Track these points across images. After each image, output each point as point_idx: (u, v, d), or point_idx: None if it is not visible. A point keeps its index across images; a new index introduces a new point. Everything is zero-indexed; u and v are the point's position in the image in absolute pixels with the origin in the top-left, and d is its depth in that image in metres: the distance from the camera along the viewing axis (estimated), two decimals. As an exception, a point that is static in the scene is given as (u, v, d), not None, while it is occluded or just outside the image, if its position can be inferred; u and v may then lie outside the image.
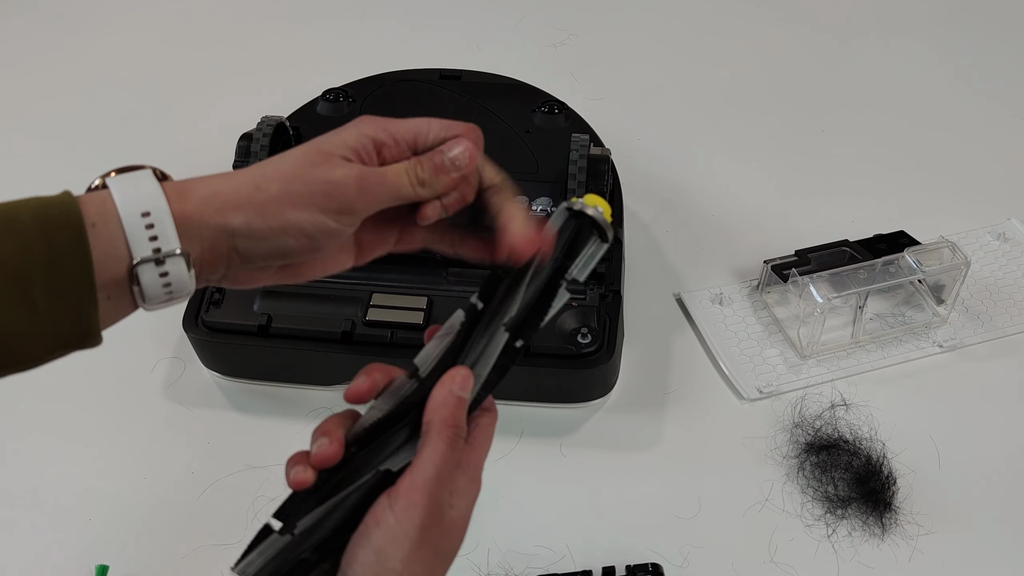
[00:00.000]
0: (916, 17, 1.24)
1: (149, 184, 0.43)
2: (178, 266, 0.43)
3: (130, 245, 0.42)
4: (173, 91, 1.14)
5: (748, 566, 0.70)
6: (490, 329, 0.49)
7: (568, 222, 0.50)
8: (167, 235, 0.43)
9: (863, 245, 0.88)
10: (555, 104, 0.93)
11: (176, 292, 0.44)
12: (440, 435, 0.46)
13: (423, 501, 0.45)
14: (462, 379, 0.48)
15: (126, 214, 0.42)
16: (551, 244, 0.49)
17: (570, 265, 0.49)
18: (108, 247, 0.42)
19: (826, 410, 0.79)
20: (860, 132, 1.07)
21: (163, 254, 0.43)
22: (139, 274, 0.43)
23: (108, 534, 0.72)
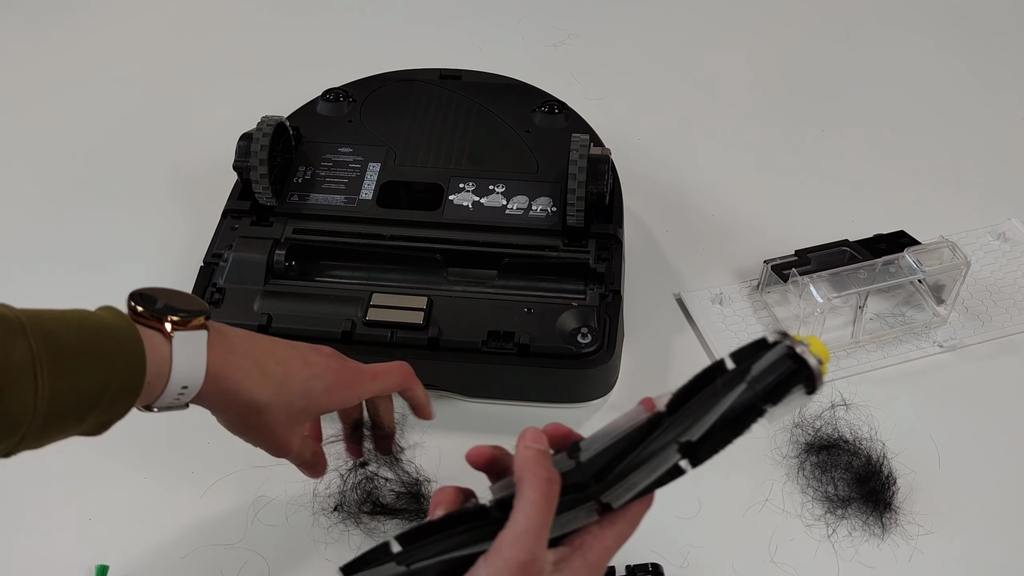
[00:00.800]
0: (917, 17, 1.24)
1: (201, 362, 0.52)
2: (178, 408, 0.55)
3: (160, 400, 0.52)
4: (173, 91, 1.14)
5: (748, 566, 0.70)
6: (665, 441, 0.46)
7: (783, 361, 0.44)
8: (188, 398, 0.53)
9: (863, 245, 0.88)
10: (555, 104, 0.93)
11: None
12: (531, 483, 0.44)
13: (515, 556, 0.42)
14: (529, 435, 0.46)
15: (173, 384, 0.51)
16: None
17: (770, 407, 0.45)
18: (145, 396, 0.51)
19: (826, 410, 0.79)
20: (860, 132, 1.07)
21: (175, 408, 0.54)
22: (153, 409, 0.54)
23: (108, 534, 0.72)
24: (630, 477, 0.46)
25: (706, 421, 0.45)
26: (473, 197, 0.84)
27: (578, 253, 0.80)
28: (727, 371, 0.45)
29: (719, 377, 0.45)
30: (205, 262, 0.82)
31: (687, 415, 0.45)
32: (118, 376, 0.48)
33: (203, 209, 0.91)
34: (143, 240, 0.95)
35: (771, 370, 0.44)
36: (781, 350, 0.44)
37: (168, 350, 0.50)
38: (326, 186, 0.86)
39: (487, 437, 0.78)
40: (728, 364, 0.45)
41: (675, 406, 0.46)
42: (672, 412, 0.46)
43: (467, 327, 0.77)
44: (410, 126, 0.91)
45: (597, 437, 0.47)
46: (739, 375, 0.45)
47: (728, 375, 0.45)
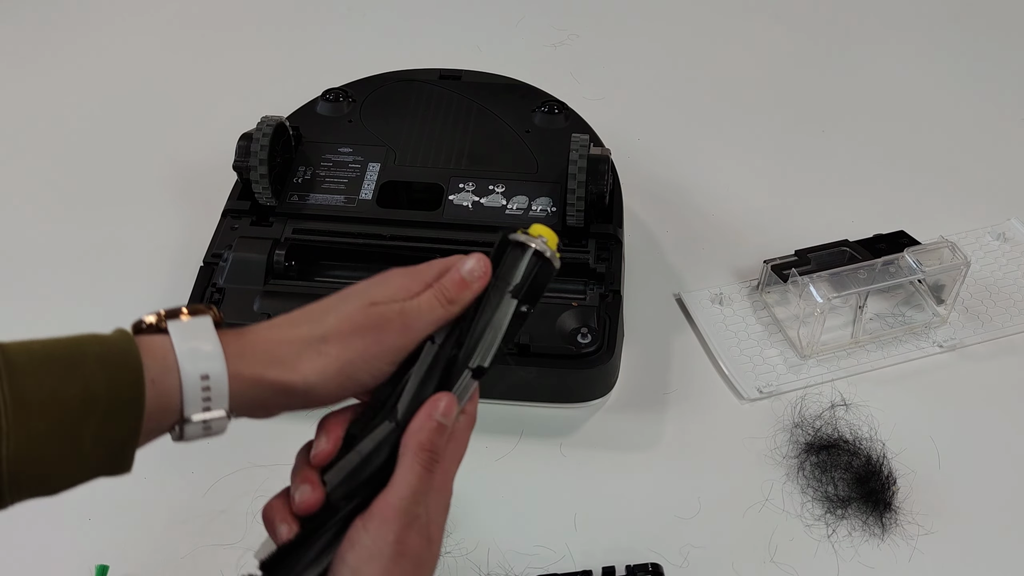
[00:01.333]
0: (917, 17, 1.24)
1: (210, 341, 0.45)
2: (221, 423, 0.45)
3: (184, 404, 0.44)
4: (173, 91, 1.14)
5: (748, 566, 0.70)
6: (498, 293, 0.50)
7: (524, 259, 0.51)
8: (220, 398, 0.44)
9: (863, 245, 0.88)
10: (555, 104, 0.93)
11: (213, 434, 0.46)
12: (416, 458, 0.46)
13: (396, 517, 0.45)
14: (446, 406, 0.48)
15: (187, 376, 0.43)
16: None
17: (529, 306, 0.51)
18: (162, 401, 0.43)
19: (826, 410, 0.79)
20: (860, 132, 1.07)
21: (212, 416, 0.45)
22: (184, 428, 0.45)
23: (108, 534, 0.72)
24: (484, 337, 0.50)
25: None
26: (473, 197, 0.84)
27: (578, 253, 0.80)
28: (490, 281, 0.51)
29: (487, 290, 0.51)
30: (205, 262, 0.82)
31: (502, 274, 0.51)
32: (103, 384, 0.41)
33: (203, 209, 0.91)
34: (143, 240, 0.95)
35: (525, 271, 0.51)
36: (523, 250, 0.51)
37: (167, 342, 0.44)
38: (326, 186, 0.86)
39: (487, 437, 0.79)
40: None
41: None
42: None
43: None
44: (410, 126, 0.91)
45: None
46: (503, 283, 0.51)
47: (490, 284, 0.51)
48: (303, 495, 0.46)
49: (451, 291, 0.50)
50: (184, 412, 0.44)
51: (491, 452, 0.78)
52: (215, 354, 0.44)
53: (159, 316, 0.46)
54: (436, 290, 0.50)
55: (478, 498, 0.74)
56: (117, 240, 0.95)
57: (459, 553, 0.71)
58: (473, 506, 0.74)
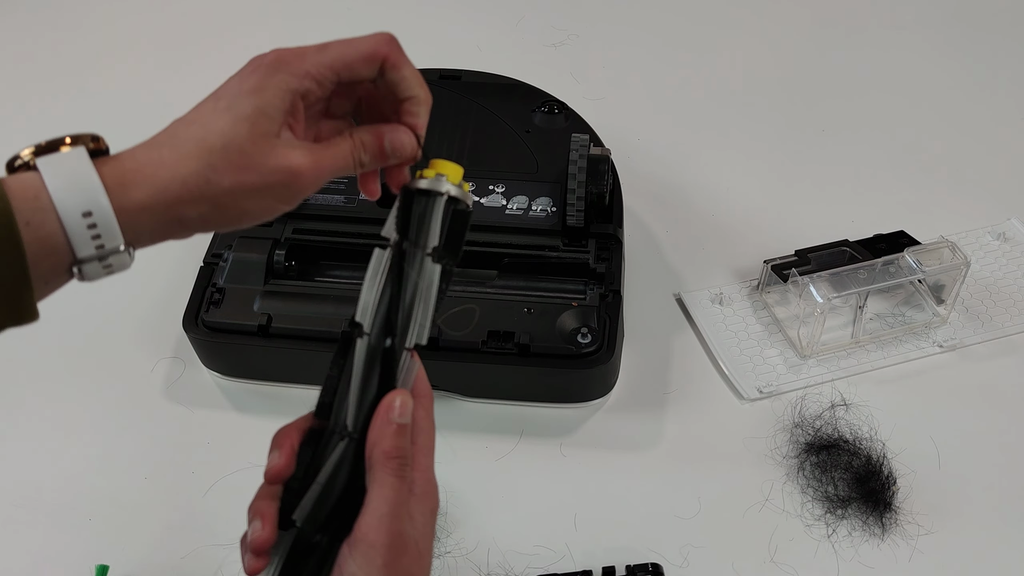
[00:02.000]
0: (917, 17, 1.24)
1: (87, 173, 0.41)
2: (121, 259, 0.43)
3: (72, 244, 0.41)
4: (173, 91, 1.14)
5: (748, 566, 0.70)
6: (416, 259, 0.47)
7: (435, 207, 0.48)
8: (111, 233, 0.42)
9: (863, 245, 0.88)
10: (555, 104, 0.93)
11: (116, 271, 0.43)
12: (385, 469, 0.44)
13: (383, 540, 0.43)
14: (401, 405, 0.45)
15: (66, 213, 0.40)
16: None
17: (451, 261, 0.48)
18: (45, 243, 0.40)
19: (826, 410, 0.79)
20: (860, 132, 1.07)
21: (107, 251, 0.42)
22: (81, 269, 0.42)
23: (108, 534, 0.72)
24: (414, 314, 0.47)
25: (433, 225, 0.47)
26: (473, 197, 0.84)
27: (578, 253, 0.80)
28: (403, 251, 0.47)
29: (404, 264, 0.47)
30: (205, 262, 0.82)
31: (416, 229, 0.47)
32: None
33: (203, 209, 0.91)
34: (143, 240, 0.95)
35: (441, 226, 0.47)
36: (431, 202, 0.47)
37: (38, 179, 0.40)
38: (326, 186, 0.86)
39: (487, 437, 0.79)
40: (401, 242, 0.47)
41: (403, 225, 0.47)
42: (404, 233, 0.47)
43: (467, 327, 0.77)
44: (410, 126, 0.91)
45: (364, 305, 0.47)
46: (420, 250, 0.47)
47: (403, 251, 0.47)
48: (254, 533, 0.44)
49: (368, 158, 0.47)
50: (76, 252, 0.41)
51: (491, 452, 0.78)
52: (93, 185, 0.41)
53: (33, 150, 0.42)
54: (355, 149, 0.47)
55: (478, 498, 0.74)
56: (117, 240, 0.95)
57: (459, 553, 0.71)
58: (473, 506, 0.74)
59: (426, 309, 0.47)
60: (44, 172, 0.41)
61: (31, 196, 0.40)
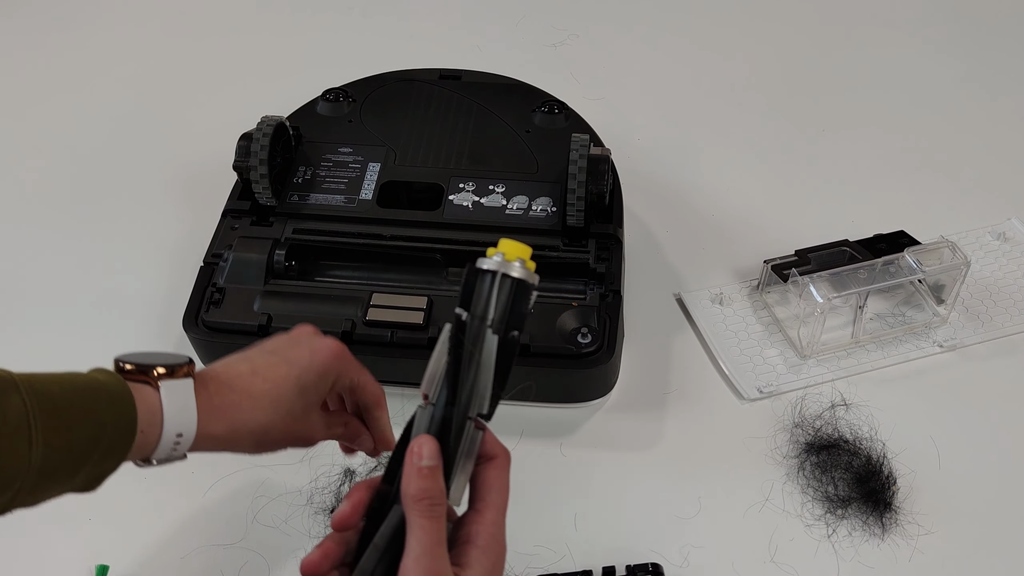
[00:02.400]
0: (917, 17, 1.24)
1: (191, 406, 0.52)
2: (175, 461, 0.53)
3: (155, 452, 0.51)
4: (173, 90, 1.14)
5: (748, 566, 0.70)
6: (480, 334, 0.48)
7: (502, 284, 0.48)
8: (184, 450, 0.52)
9: (863, 245, 0.88)
10: (555, 104, 0.93)
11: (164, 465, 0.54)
12: (414, 511, 0.46)
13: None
14: (419, 449, 0.47)
15: (167, 433, 0.51)
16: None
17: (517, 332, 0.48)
18: (141, 446, 0.50)
19: (826, 410, 0.79)
20: (860, 132, 1.07)
21: (174, 459, 0.53)
22: (146, 465, 0.52)
23: (108, 534, 0.72)
24: (475, 381, 0.48)
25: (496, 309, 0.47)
26: (473, 197, 0.84)
27: (578, 253, 0.80)
28: (464, 323, 0.47)
29: (464, 336, 0.47)
30: (205, 262, 0.82)
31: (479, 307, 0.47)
32: (110, 429, 0.48)
33: (203, 209, 0.91)
34: (143, 240, 0.95)
35: (498, 300, 0.47)
36: (491, 278, 0.47)
37: (158, 400, 0.50)
38: (326, 186, 0.86)
39: (487, 437, 0.78)
40: (462, 315, 0.47)
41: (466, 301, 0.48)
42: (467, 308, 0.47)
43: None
44: (410, 126, 0.91)
45: (430, 376, 0.49)
46: (479, 322, 0.47)
47: (463, 324, 0.47)
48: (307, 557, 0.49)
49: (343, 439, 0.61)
50: (153, 457, 0.51)
51: (491, 452, 0.77)
52: (191, 417, 0.51)
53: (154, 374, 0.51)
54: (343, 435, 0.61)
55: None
56: (118, 240, 0.95)
57: (459, 553, 0.70)
58: (473, 506, 0.74)
59: (487, 380, 0.48)
60: (164, 397, 0.51)
61: (151, 411, 0.50)
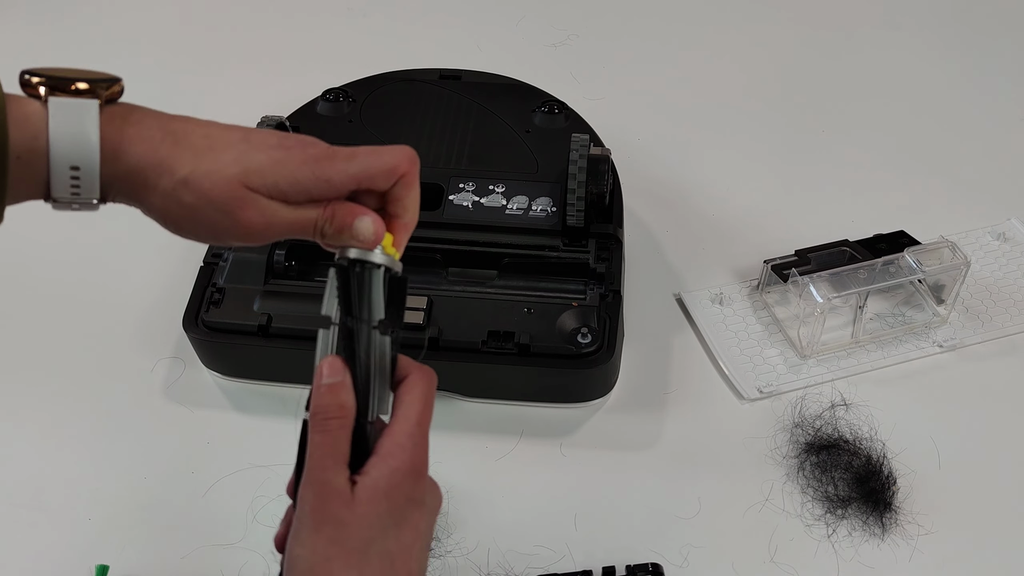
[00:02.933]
0: (916, 16, 1.24)
1: (90, 132, 0.41)
2: (90, 207, 0.44)
3: (51, 187, 0.42)
4: (173, 90, 1.14)
5: (748, 566, 0.70)
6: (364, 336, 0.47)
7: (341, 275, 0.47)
8: (90, 191, 0.43)
9: (863, 245, 0.88)
10: (555, 104, 0.93)
11: (82, 211, 0.45)
12: (311, 427, 0.45)
13: (307, 492, 0.44)
14: (324, 366, 0.46)
15: (56, 163, 0.41)
16: None
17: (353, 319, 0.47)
18: (27, 177, 0.41)
19: (826, 410, 0.79)
20: (860, 131, 1.07)
21: (80, 201, 0.43)
22: (54, 204, 0.44)
23: (108, 534, 0.72)
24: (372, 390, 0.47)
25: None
26: (473, 197, 0.84)
27: (578, 253, 0.80)
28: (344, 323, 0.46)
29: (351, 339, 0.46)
30: (205, 262, 0.82)
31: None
32: None
33: (203, 209, 0.91)
34: (143, 240, 0.95)
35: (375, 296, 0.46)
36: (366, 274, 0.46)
37: (44, 117, 0.41)
38: (326, 186, 0.86)
39: (487, 437, 0.79)
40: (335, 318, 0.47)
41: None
42: None
43: (467, 327, 0.77)
44: (410, 126, 0.91)
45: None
46: (359, 322, 0.46)
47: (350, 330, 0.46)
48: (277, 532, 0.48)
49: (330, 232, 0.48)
50: (52, 192, 0.43)
51: (491, 452, 0.78)
52: (91, 145, 0.42)
53: (46, 79, 0.42)
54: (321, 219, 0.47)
55: (478, 498, 0.74)
56: (117, 240, 0.95)
57: (459, 553, 0.71)
58: (473, 506, 0.74)
59: (383, 382, 0.47)
60: (52, 116, 0.41)
61: (30, 135, 0.41)
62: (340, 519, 0.44)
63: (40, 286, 0.91)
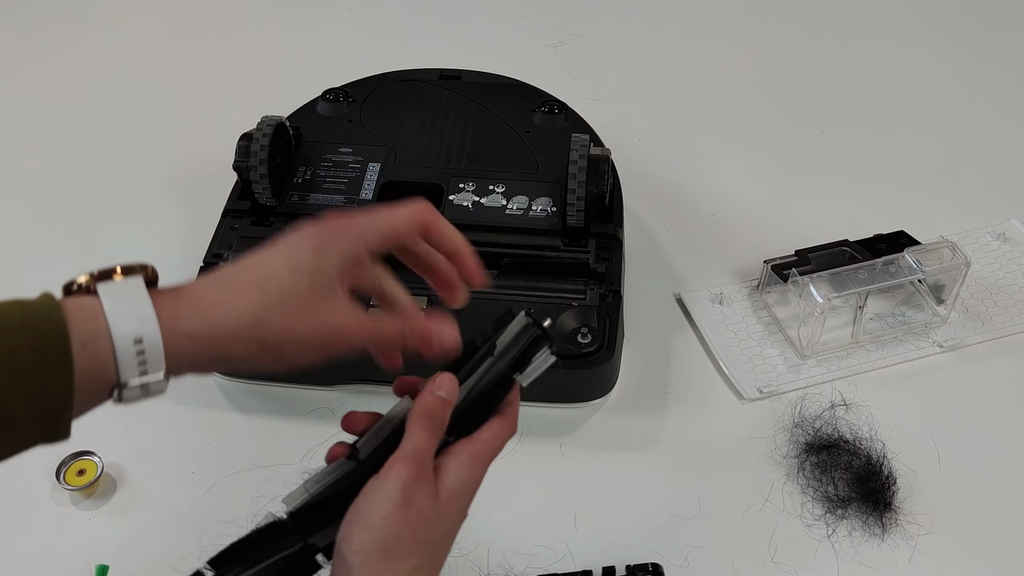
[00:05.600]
0: (917, 16, 1.24)
1: (143, 303, 0.43)
2: (160, 385, 0.44)
3: (119, 370, 0.43)
4: (173, 90, 1.14)
5: (748, 566, 0.70)
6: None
7: (525, 330, 0.51)
8: (156, 363, 0.43)
9: (863, 245, 0.88)
10: (555, 104, 0.93)
11: (152, 396, 0.45)
12: (415, 423, 0.48)
13: (405, 468, 0.46)
14: (443, 381, 0.49)
15: (119, 339, 0.42)
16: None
17: (520, 372, 0.51)
18: (95, 367, 0.42)
19: (826, 410, 0.79)
20: (860, 132, 1.07)
21: (149, 380, 0.43)
22: (122, 393, 0.44)
23: (108, 534, 0.72)
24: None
25: (468, 390, 0.50)
26: (473, 197, 0.84)
27: (578, 253, 0.80)
28: (478, 349, 0.51)
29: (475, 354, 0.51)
30: (205, 262, 0.82)
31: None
32: (24, 343, 0.40)
33: (203, 209, 0.91)
34: (143, 240, 0.95)
35: (515, 341, 0.51)
36: (521, 321, 0.51)
37: (97, 304, 0.43)
38: (326, 186, 0.86)
39: (487, 437, 0.78)
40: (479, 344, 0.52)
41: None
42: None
43: (467, 327, 0.76)
44: (410, 126, 0.91)
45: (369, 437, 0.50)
46: (488, 351, 0.51)
47: (481, 352, 0.51)
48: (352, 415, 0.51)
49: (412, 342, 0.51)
50: (120, 377, 0.43)
51: (491, 452, 0.77)
52: (148, 316, 0.43)
53: (90, 276, 0.44)
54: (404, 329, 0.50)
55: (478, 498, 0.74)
56: (117, 240, 0.95)
57: (459, 553, 0.71)
58: (473, 506, 0.74)
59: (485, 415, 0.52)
60: (104, 298, 0.43)
61: (90, 319, 0.42)
62: (423, 509, 0.46)
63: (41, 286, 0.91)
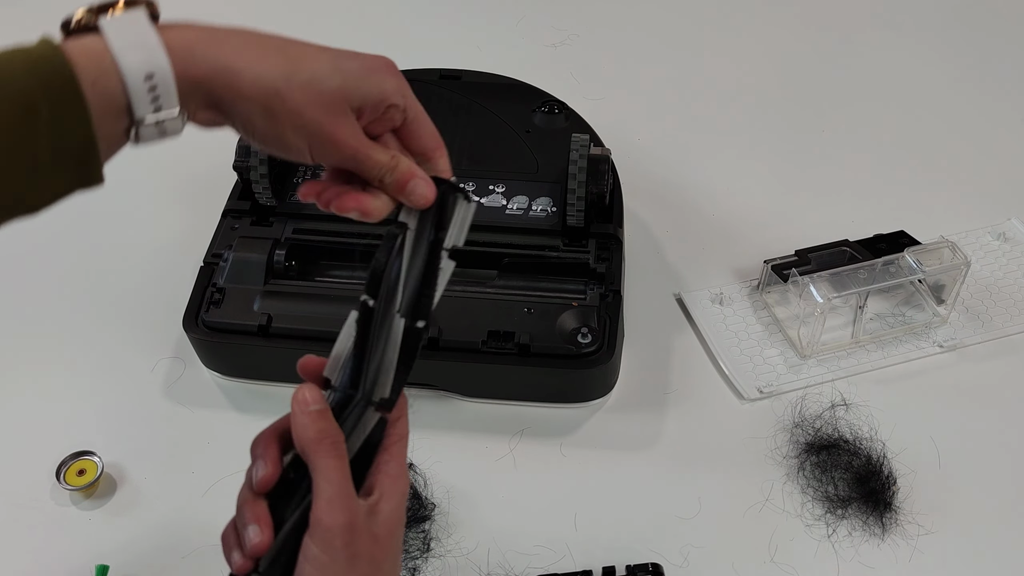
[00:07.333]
0: (917, 17, 1.24)
1: (150, 36, 0.41)
2: (175, 124, 0.43)
3: (132, 106, 0.42)
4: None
5: (748, 566, 0.70)
6: (387, 320, 0.48)
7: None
8: (170, 97, 0.42)
9: (863, 245, 0.88)
10: (555, 104, 0.93)
11: (169, 135, 0.44)
12: (317, 454, 0.45)
13: (336, 521, 0.44)
14: (303, 396, 0.47)
15: (129, 74, 0.41)
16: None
17: (444, 236, 0.49)
18: (109, 105, 0.41)
19: (826, 410, 0.79)
20: (860, 132, 1.07)
21: (164, 116, 0.42)
22: (139, 131, 0.43)
23: (108, 534, 0.72)
24: (379, 367, 0.47)
25: (404, 279, 0.48)
26: (473, 197, 0.84)
27: (578, 253, 0.80)
28: (394, 236, 0.48)
29: (392, 244, 0.48)
30: (205, 262, 0.82)
31: (389, 288, 0.48)
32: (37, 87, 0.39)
33: (203, 209, 0.91)
34: (143, 240, 0.95)
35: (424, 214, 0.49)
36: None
37: (100, 40, 0.41)
38: (326, 186, 0.86)
39: (487, 437, 0.79)
40: (394, 229, 0.49)
41: (374, 289, 0.48)
42: (375, 295, 0.48)
43: (467, 327, 0.77)
44: (410, 126, 0.91)
45: (334, 360, 0.49)
46: (399, 228, 0.48)
47: (395, 237, 0.48)
48: (253, 539, 0.47)
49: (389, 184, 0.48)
50: (135, 113, 0.42)
51: (491, 452, 0.78)
52: (154, 45, 0.41)
53: (89, 11, 0.42)
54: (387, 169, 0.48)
55: (478, 498, 0.74)
56: (118, 240, 0.95)
57: (459, 553, 0.71)
58: (473, 506, 0.74)
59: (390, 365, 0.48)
60: (107, 33, 0.41)
61: (95, 57, 0.41)
62: (373, 556, 0.45)
63: (41, 286, 0.91)
